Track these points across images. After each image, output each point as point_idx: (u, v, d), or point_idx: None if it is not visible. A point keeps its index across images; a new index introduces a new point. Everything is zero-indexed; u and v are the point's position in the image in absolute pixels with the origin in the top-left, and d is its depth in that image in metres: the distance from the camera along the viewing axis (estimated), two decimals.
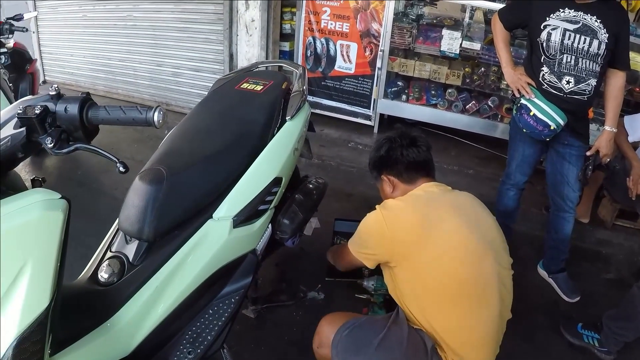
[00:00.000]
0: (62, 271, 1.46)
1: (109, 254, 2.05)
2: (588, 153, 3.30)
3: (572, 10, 3.04)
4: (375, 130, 5.68)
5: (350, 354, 2.03)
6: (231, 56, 5.58)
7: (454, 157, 5.33)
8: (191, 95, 5.86)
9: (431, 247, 2.07)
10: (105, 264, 1.99)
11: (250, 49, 5.49)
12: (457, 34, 5.12)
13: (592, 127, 4.44)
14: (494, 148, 5.51)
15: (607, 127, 3.27)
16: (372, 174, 2.53)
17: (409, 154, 2.34)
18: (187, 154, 2.13)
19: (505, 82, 5.12)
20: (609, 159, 3.33)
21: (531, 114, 3.19)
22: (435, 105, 5.43)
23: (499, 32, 3.41)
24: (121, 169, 1.72)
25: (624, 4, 4.22)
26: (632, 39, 4.82)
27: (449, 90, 5.38)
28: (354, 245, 2.35)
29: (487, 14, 5.32)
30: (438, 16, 5.51)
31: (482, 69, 5.27)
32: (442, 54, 5.28)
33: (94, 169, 4.56)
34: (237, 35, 5.50)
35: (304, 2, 5.49)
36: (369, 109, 5.63)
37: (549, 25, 3.09)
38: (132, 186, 1.92)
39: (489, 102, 5.31)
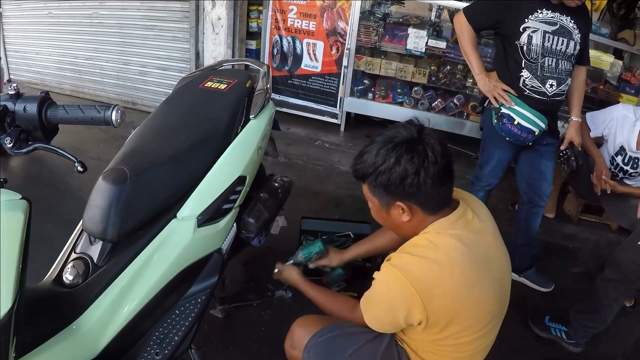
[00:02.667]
0: (24, 273, 1.44)
1: (73, 255, 2.02)
2: (562, 147, 3.36)
3: (550, 12, 3.03)
4: (342, 128, 5.72)
5: (322, 358, 2.00)
6: (197, 54, 5.57)
7: None
8: (158, 94, 5.83)
9: (459, 312, 1.75)
10: (69, 265, 1.96)
11: (216, 48, 5.48)
12: (423, 33, 5.17)
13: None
14: (460, 145, 5.56)
15: (574, 118, 3.36)
16: (373, 191, 1.84)
17: (441, 175, 1.73)
18: (151, 153, 2.12)
19: (472, 81, 5.22)
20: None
21: (515, 122, 3.15)
22: (401, 104, 5.48)
23: (467, 34, 3.21)
24: (79, 168, 1.72)
25: (588, 4, 4.28)
26: (597, 38, 4.94)
27: (415, 89, 5.44)
28: (375, 321, 1.91)
29: (454, 12, 5.36)
30: (405, 15, 5.56)
31: (448, 67, 5.33)
32: (408, 53, 5.34)
33: (59, 170, 4.51)
34: (204, 33, 5.48)
35: (271, 0, 5.50)
36: (336, 107, 5.68)
37: (529, 27, 3.04)
38: (96, 186, 1.90)
39: (455, 100, 5.38)
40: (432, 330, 1.80)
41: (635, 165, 3.81)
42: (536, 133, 3.16)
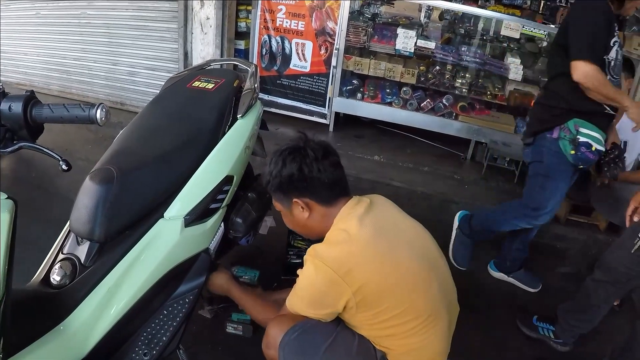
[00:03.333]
0: (10, 273, 1.44)
1: (60, 256, 2.02)
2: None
3: (616, 25, 2.97)
4: (331, 128, 5.72)
5: (297, 357, 2.02)
6: (186, 54, 5.55)
7: (409, 155, 5.38)
8: (146, 94, 5.80)
9: (386, 279, 1.90)
10: (57, 266, 1.96)
11: (205, 48, 5.47)
12: (412, 33, 5.18)
13: None
14: (449, 145, 5.59)
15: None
16: (274, 196, 2.13)
17: (326, 168, 2.01)
18: (138, 153, 2.11)
19: (460, 82, 5.24)
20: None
21: (592, 149, 2.98)
22: (390, 104, 5.47)
23: (604, 81, 2.88)
24: (64, 167, 1.73)
25: None
26: None
27: (404, 89, 5.44)
28: (309, 306, 2.02)
29: (444, 13, 5.39)
30: (394, 15, 5.58)
31: (437, 67, 5.36)
32: (397, 53, 5.35)
33: (48, 172, 4.49)
34: (192, 33, 5.47)
35: (260, 0, 5.48)
36: (324, 107, 5.66)
37: (616, 41, 2.94)
38: (83, 186, 1.89)
39: (444, 100, 5.39)
40: (368, 311, 1.95)
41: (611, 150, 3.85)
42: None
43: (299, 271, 2.02)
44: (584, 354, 3.12)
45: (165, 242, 2.09)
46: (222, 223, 2.48)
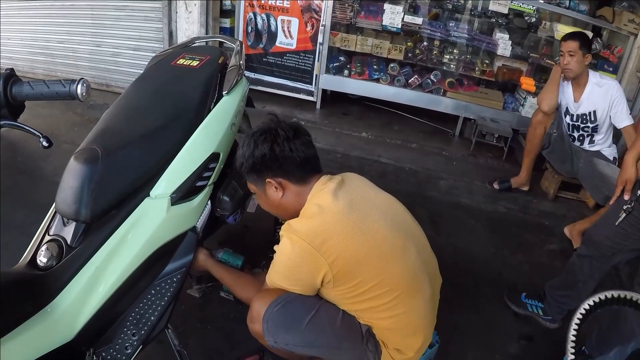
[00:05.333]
0: None
1: (47, 238, 2.00)
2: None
3: None
4: (318, 105, 5.70)
5: (280, 330, 2.03)
6: (170, 34, 5.50)
7: (397, 132, 5.37)
8: (131, 75, 5.74)
9: (361, 250, 1.94)
10: (43, 247, 1.94)
11: (189, 26, 5.42)
12: (399, 9, 5.16)
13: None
14: (437, 122, 5.59)
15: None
16: (248, 178, 2.15)
17: (297, 147, 2.03)
18: (123, 132, 2.08)
19: (448, 57, 5.23)
20: None
21: None
22: (377, 80, 5.46)
23: None
24: (44, 143, 1.71)
25: None
26: (575, 14, 5.04)
27: (391, 65, 5.42)
28: (285, 281, 2.05)
29: None
30: None
31: (425, 43, 5.34)
32: (384, 29, 5.33)
33: (33, 156, 4.45)
34: (177, 12, 5.41)
35: None
36: (311, 84, 5.64)
37: None
38: (67, 167, 1.87)
39: (432, 77, 5.38)
40: (345, 285, 1.98)
41: (584, 120, 4.05)
42: None
43: (275, 247, 2.04)
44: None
45: (152, 221, 2.08)
46: (209, 201, 2.46)
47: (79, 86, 1.68)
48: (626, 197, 2.72)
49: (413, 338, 2.09)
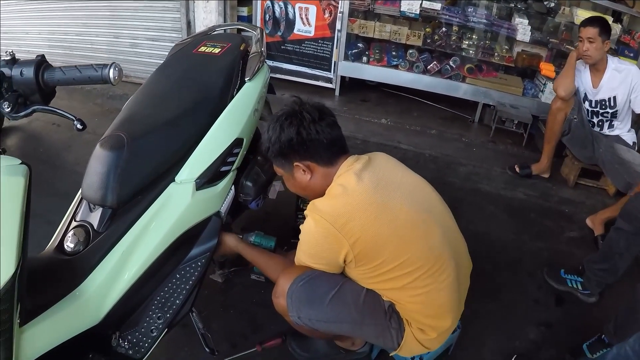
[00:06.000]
0: (26, 239, 1.44)
1: (73, 224, 2.03)
2: None
3: None
4: (337, 93, 5.70)
5: (304, 304, 2.06)
6: (189, 24, 5.52)
7: (416, 118, 5.37)
8: (149, 65, 5.76)
9: (384, 230, 1.95)
10: (70, 233, 1.97)
11: (207, 16, 5.43)
12: None
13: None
14: (456, 108, 5.57)
15: None
16: (275, 162, 2.17)
17: (323, 129, 2.03)
18: (147, 119, 2.10)
19: (467, 43, 5.20)
20: None
21: None
22: (396, 67, 5.44)
23: None
24: (78, 126, 1.73)
25: None
26: None
27: (410, 51, 5.39)
28: (310, 259, 2.09)
29: None
30: None
31: (444, 29, 5.30)
32: (402, 15, 5.30)
33: (55, 146, 4.50)
34: (194, 1, 5.42)
35: None
36: (330, 71, 5.63)
37: None
38: (93, 153, 1.89)
39: (451, 63, 5.34)
40: (366, 265, 2.00)
41: (603, 105, 3.99)
42: None
43: (301, 226, 2.06)
44: (607, 309, 3.12)
45: (177, 206, 2.10)
46: (233, 186, 2.48)
47: (111, 70, 1.70)
48: None
49: (437, 320, 2.09)
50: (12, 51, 1.69)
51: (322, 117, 2.04)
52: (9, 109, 1.60)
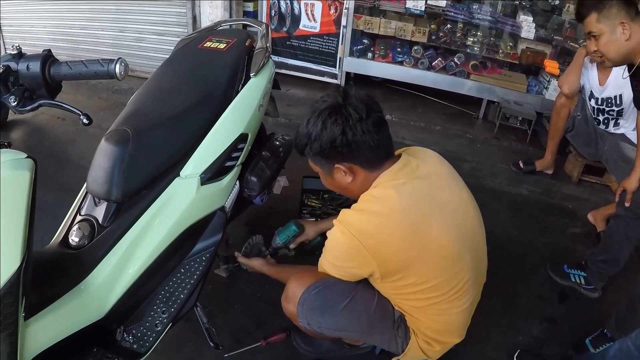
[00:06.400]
0: (31, 232, 1.45)
1: (78, 218, 2.04)
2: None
3: None
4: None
5: (315, 314, 2.04)
6: (194, 18, 5.51)
7: (421, 115, 5.35)
8: (155, 60, 5.75)
9: (416, 256, 1.84)
10: (75, 227, 1.99)
11: (213, 11, 5.42)
12: None
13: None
14: (460, 105, 5.55)
15: None
16: (312, 160, 1.98)
17: (370, 129, 1.82)
18: (153, 113, 2.11)
19: (472, 40, 5.19)
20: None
21: None
22: (401, 63, 5.41)
23: None
24: (84, 120, 1.74)
25: None
26: None
27: (415, 48, 5.37)
28: (333, 269, 2.00)
29: None
30: None
31: (448, 25, 5.27)
32: (407, 11, 5.28)
33: (61, 139, 4.50)
34: None
35: None
36: (335, 67, 5.62)
37: None
38: (99, 148, 1.90)
39: (455, 59, 5.32)
40: (390, 279, 1.91)
41: (609, 103, 3.92)
42: None
43: (328, 233, 1.95)
44: (594, 315, 3.11)
45: (182, 201, 2.11)
46: (237, 181, 2.49)
47: (118, 65, 1.70)
48: (627, 205, 2.84)
49: (445, 336, 2.10)
50: (18, 45, 1.69)
51: (369, 114, 1.82)
52: (15, 103, 1.61)
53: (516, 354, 2.71)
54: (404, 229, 1.82)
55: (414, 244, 1.83)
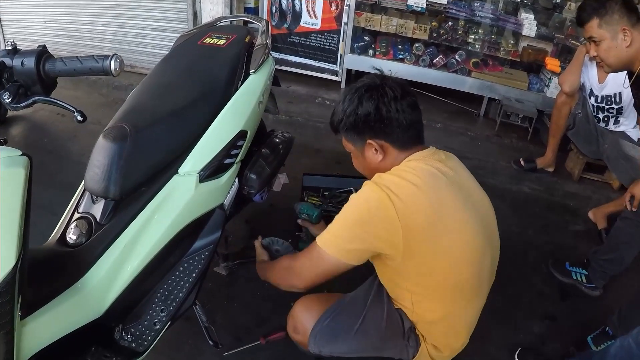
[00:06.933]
0: (27, 230, 1.43)
1: (76, 215, 2.03)
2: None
3: None
4: (343, 85, 5.69)
5: (329, 342, 2.00)
6: (195, 14, 5.50)
7: (422, 112, 5.32)
8: (155, 55, 5.75)
9: (442, 241, 1.78)
10: (72, 225, 1.97)
11: (214, 7, 5.41)
12: None
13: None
14: (461, 102, 5.55)
15: None
16: (346, 136, 1.99)
17: (404, 109, 1.84)
18: (151, 110, 2.09)
19: (473, 37, 5.18)
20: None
21: None
22: (402, 60, 5.42)
23: None
24: (79, 117, 1.73)
25: None
26: None
27: (416, 45, 5.37)
28: (337, 239, 1.83)
29: None
30: None
31: (450, 23, 5.29)
32: (409, 8, 5.30)
33: (60, 136, 4.50)
34: None
35: None
36: (336, 64, 5.63)
37: None
38: (96, 145, 1.88)
39: (457, 57, 5.32)
40: (411, 262, 1.80)
41: (609, 101, 3.92)
42: None
43: (352, 196, 1.86)
44: (595, 313, 3.11)
45: (180, 198, 2.09)
46: (237, 179, 2.47)
47: (112, 61, 1.69)
48: (634, 209, 2.80)
49: (454, 339, 2.06)
50: (13, 41, 1.68)
51: (404, 95, 1.86)
52: (10, 99, 1.60)
53: (517, 352, 2.71)
54: (435, 207, 1.77)
55: (441, 227, 1.77)
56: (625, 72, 2.62)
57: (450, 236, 1.79)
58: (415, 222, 1.74)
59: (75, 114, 1.73)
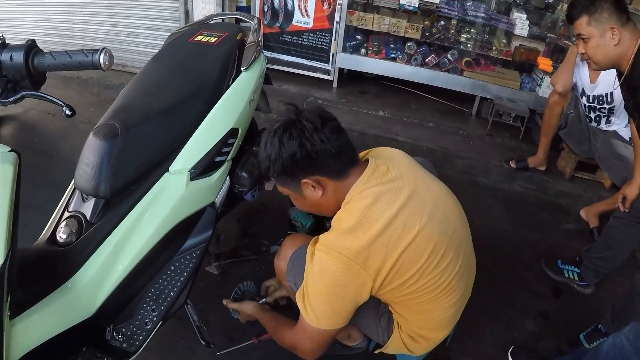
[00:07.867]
0: (16, 228, 1.41)
1: (66, 214, 2.01)
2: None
3: None
4: (335, 84, 5.68)
5: (302, 269, 1.92)
6: (187, 13, 5.47)
7: (414, 111, 5.35)
8: (147, 54, 5.70)
9: (407, 260, 1.78)
10: (63, 224, 1.96)
11: (206, 5, 5.39)
12: None
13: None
14: (453, 101, 5.56)
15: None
16: (278, 182, 1.94)
17: (328, 136, 1.78)
18: (142, 107, 2.08)
19: (465, 37, 5.19)
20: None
21: None
22: (394, 59, 5.42)
23: None
24: (67, 112, 1.71)
25: None
26: None
27: (408, 44, 5.37)
28: (324, 315, 1.83)
29: None
30: None
31: (442, 22, 5.29)
32: (401, 8, 5.30)
33: (51, 135, 4.47)
34: None
35: None
36: (328, 63, 5.61)
37: None
38: (87, 143, 1.87)
39: (449, 56, 5.33)
40: (382, 290, 1.85)
41: (600, 101, 3.93)
42: None
43: (305, 272, 1.86)
44: (588, 311, 3.12)
45: (171, 196, 2.08)
46: (228, 177, 2.47)
47: (102, 55, 1.67)
48: (625, 210, 2.85)
49: (432, 332, 2.06)
50: (2, 35, 1.67)
51: (324, 122, 1.79)
52: None
53: (510, 350, 2.71)
54: (388, 235, 1.75)
55: (401, 247, 1.76)
56: (616, 72, 2.62)
57: (410, 251, 1.78)
58: (378, 263, 1.76)
59: (64, 108, 1.71)
